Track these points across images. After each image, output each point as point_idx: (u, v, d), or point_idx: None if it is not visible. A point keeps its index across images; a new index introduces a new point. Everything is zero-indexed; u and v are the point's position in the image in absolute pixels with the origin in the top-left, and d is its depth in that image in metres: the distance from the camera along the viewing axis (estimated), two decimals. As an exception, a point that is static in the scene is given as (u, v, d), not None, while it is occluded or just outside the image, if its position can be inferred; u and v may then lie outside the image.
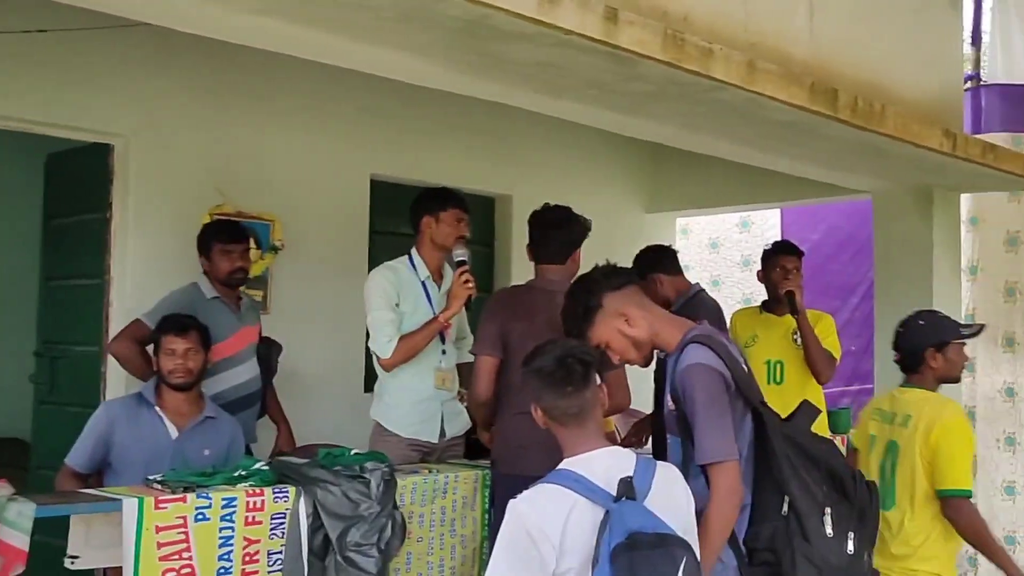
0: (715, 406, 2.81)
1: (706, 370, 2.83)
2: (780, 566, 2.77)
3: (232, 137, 5.16)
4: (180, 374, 3.73)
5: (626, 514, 2.38)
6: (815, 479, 2.83)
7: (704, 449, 2.77)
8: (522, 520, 2.41)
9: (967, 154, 4.71)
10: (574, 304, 3.04)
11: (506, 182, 6.48)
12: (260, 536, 3.09)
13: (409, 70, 3.49)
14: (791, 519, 2.79)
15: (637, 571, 2.30)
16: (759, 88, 3.56)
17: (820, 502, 2.81)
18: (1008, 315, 6.37)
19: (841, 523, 2.82)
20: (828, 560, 2.77)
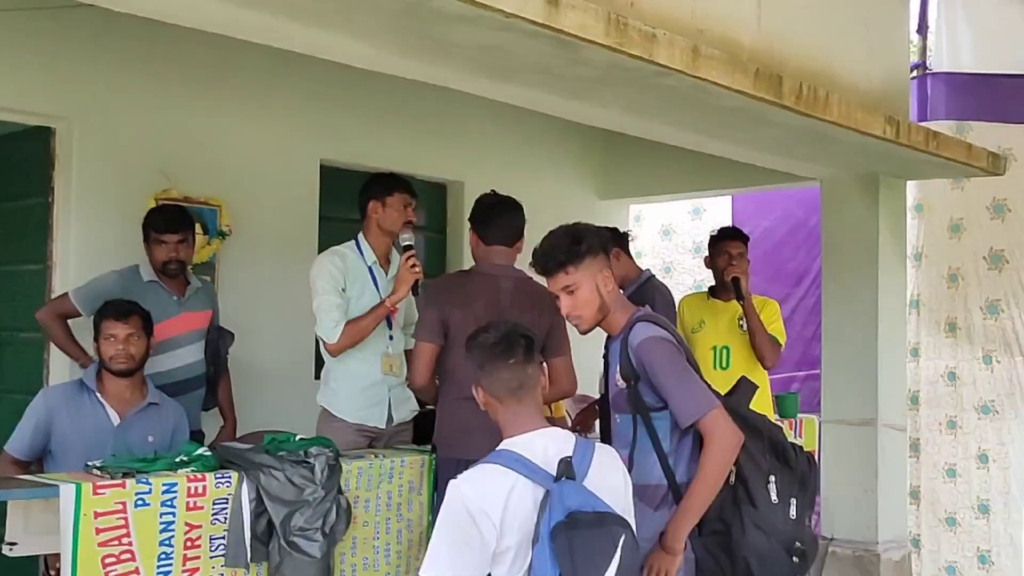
0: (680, 369, 2.95)
1: (662, 340, 2.97)
2: (729, 534, 2.91)
3: (179, 121, 5.09)
4: (122, 360, 3.69)
5: (565, 494, 2.42)
6: (759, 449, 2.99)
7: (687, 409, 2.88)
8: (462, 500, 2.43)
9: (910, 141, 4.76)
10: (569, 238, 3.01)
11: (458, 168, 6.46)
12: (202, 521, 3.08)
13: (352, 54, 3.46)
14: (739, 488, 2.93)
15: (576, 549, 2.34)
16: (703, 74, 3.57)
17: (765, 470, 2.98)
18: (951, 301, 6.48)
19: (784, 490, 3.01)
20: (775, 525, 2.96)
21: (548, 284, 3.09)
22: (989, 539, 6.30)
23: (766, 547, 2.93)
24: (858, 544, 5.51)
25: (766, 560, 2.93)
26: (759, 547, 2.92)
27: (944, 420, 6.47)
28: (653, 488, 2.99)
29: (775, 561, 2.95)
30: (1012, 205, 6.21)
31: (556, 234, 3.05)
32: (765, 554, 2.93)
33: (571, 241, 3.00)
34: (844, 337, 5.66)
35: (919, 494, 6.50)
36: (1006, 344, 6.26)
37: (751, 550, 2.92)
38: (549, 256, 3.01)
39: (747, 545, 2.91)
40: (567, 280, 2.99)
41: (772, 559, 2.95)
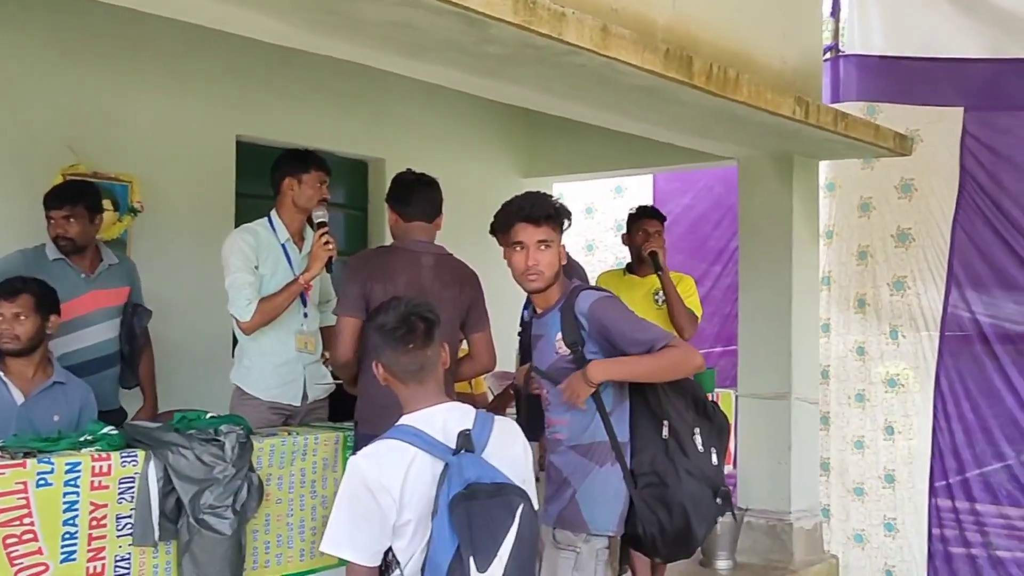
0: (633, 316, 3.21)
1: (610, 298, 3.23)
2: (665, 485, 3.14)
3: (88, 96, 4.99)
4: (7, 340, 3.62)
5: (464, 466, 2.46)
6: (684, 405, 3.22)
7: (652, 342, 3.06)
8: (362, 474, 2.45)
9: (819, 122, 4.87)
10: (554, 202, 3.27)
11: (380, 146, 6.43)
12: (108, 500, 3.05)
13: (261, 28, 3.42)
14: (671, 441, 3.17)
15: (474, 520, 2.38)
16: (613, 53, 3.60)
17: (690, 423, 3.23)
18: (860, 277, 6.67)
19: (707, 441, 3.25)
20: (704, 471, 3.20)
21: (520, 232, 3.19)
22: (895, 507, 6.52)
23: (699, 492, 3.16)
24: (772, 514, 5.67)
25: (699, 503, 3.15)
26: (693, 493, 3.14)
27: (853, 394, 6.67)
28: (598, 446, 3.18)
29: (705, 504, 3.18)
30: (919, 185, 6.41)
31: (539, 194, 3.31)
32: (698, 498, 3.15)
33: (555, 204, 3.25)
34: (760, 313, 5.79)
35: (829, 465, 6.70)
36: (912, 319, 6.47)
37: (686, 495, 3.13)
38: (541, 206, 3.19)
39: (683, 491, 3.13)
40: (549, 235, 3.17)
41: (703, 502, 3.17)
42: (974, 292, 6.22)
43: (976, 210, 6.18)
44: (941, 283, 6.33)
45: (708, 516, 3.23)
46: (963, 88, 6.18)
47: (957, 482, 6.37)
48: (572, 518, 3.19)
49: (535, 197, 3.27)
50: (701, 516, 3.18)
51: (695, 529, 3.18)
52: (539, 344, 3.30)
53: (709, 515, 3.23)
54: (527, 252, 3.17)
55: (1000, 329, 6.18)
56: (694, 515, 3.15)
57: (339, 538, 2.46)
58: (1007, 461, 6.34)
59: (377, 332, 2.66)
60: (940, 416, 6.38)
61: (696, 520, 3.17)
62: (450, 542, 2.37)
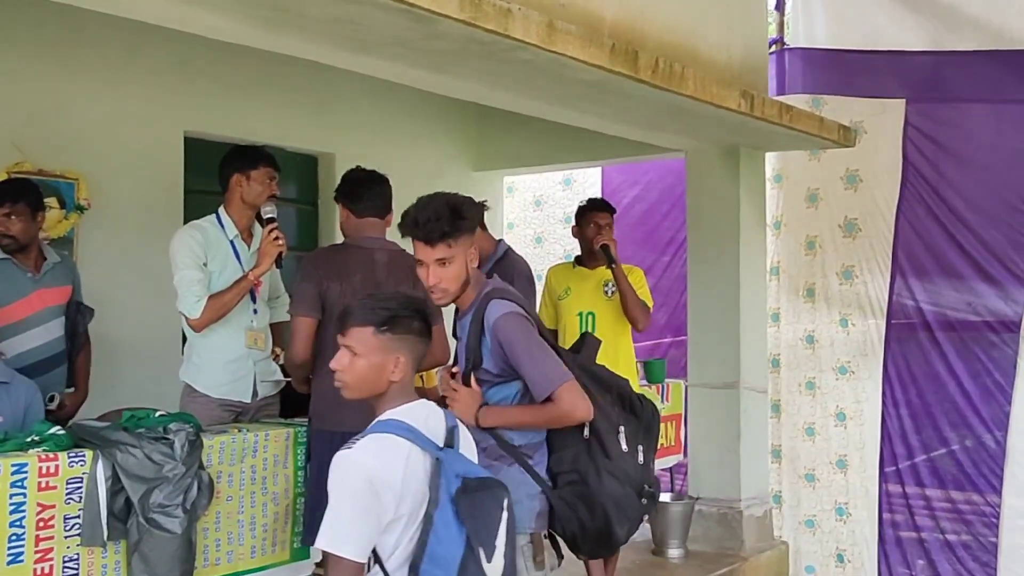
0: (535, 344, 3.04)
1: (517, 315, 3.05)
2: (586, 484, 3.06)
3: (32, 91, 4.92)
4: None
5: (453, 461, 2.50)
6: (608, 402, 3.15)
7: (542, 383, 2.97)
8: (365, 471, 2.40)
9: (764, 114, 4.94)
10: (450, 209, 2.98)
11: (329, 140, 6.41)
12: (55, 501, 3.02)
13: (203, 25, 3.40)
14: (592, 441, 3.07)
15: (475, 512, 2.42)
16: (560, 48, 3.63)
17: (614, 422, 3.15)
18: (809, 267, 6.77)
19: (632, 438, 3.18)
20: (627, 472, 3.13)
21: (419, 251, 3.03)
22: (847, 492, 6.64)
23: (620, 493, 3.10)
24: (722, 502, 5.75)
25: (620, 504, 3.10)
26: (614, 493, 3.09)
27: (803, 381, 6.78)
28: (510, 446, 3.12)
29: (628, 505, 3.14)
30: (864, 176, 6.52)
31: (436, 203, 3.00)
32: (620, 499, 3.10)
33: (453, 214, 2.97)
34: (708, 303, 5.86)
35: (780, 452, 6.81)
36: (860, 308, 6.59)
37: (607, 496, 3.08)
38: (433, 226, 2.96)
39: (604, 492, 3.08)
40: (446, 252, 2.98)
41: (625, 503, 3.12)
42: (917, 281, 6.35)
43: (919, 200, 6.30)
44: (887, 272, 6.45)
45: (631, 516, 3.18)
46: (905, 80, 6.30)
47: (906, 467, 6.50)
48: None
49: (429, 211, 2.98)
50: (623, 516, 3.13)
51: (616, 529, 3.13)
52: (458, 346, 3.26)
53: (632, 515, 3.18)
54: (427, 269, 3.03)
55: (942, 317, 6.31)
56: (615, 516, 3.10)
57: (341, 536, 2.39)
58: (952, 446, 6.48)
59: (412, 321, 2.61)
60: (889, 402, 6.51)
61: (617, 520, 3.12)
62: (458, 534, 2.39)
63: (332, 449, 3.66)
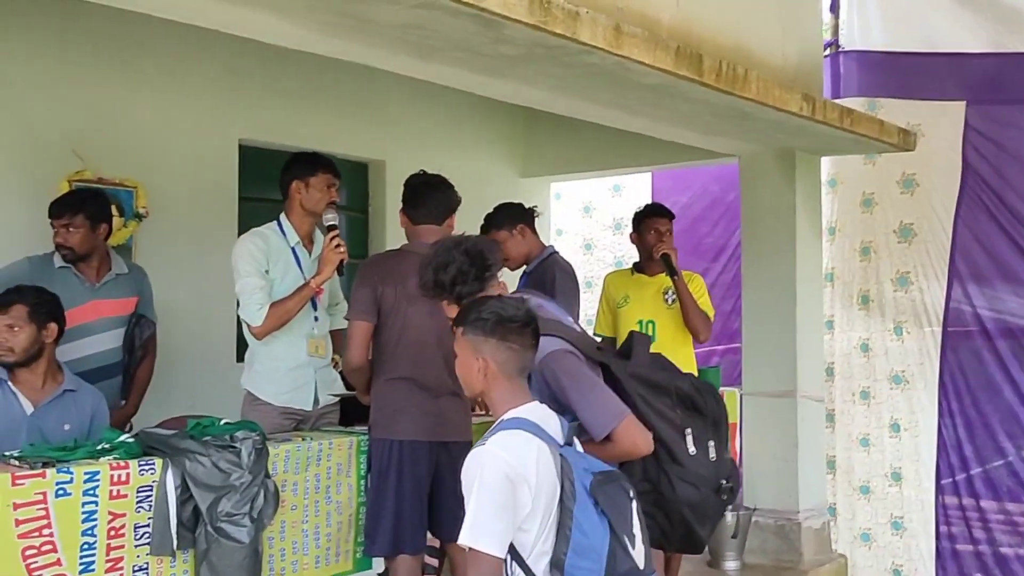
0: (585, 381, 2.98)
1: (562, 354, 2.98)
2: (660, 493, 3.03)
3: (92, 100, 4.95)
4: (1, 352, 3.57)
5: (577, 457, 2.55)
6: (668, 405, 3.08)
7: (599, 423, 2.92)
8: (504, 467, 2.43)
9: (825, 118, 4.86)
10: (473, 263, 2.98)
11: (379, 147, 6.41)
12: (126, 510, 3.02)
13: (270, 31, 3.39)
14: (659, 449, 3.01)
15: (613, 502, 2.48)
16: (626, 52, 3.59)
17: (679, 425, 3.08)
18: (864, 274, 6.65)
19: (701, 437, 3.11)
20: (700, 474, 3.07)
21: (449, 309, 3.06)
22: (902, 505, 6.51)
23: (697, 497, 3.07)
24: (780, 513, 5.65)
25: (697, 507, 3.07)
26: (691, 499, 3.06)
27: (857, 391, 6.65)
28: None
29: (706, 505, 3.10)
30: (920, 180, 6.39)
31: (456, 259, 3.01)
32: (696, 502, 3.07)
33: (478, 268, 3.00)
34: (763, 311, 5.77)
35: (835, 464, 6.69)
36: (915, 315, 6.46)
37: (683, 503, 3.05)
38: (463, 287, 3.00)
39: (679, 499, 3.05)
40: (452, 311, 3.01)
41: (703, 505, 3.09)
42: (976, 286, 6.21)
43: (979, 204, 6.16)
44: (944, 278, 6.32)
45: (711, 515, 3.17)
46: (965, 82, 6.17)
47: (962, 479, 6.36)
48: None
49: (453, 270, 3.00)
50: (703, 517, 3.12)
51: (698, 531, 3.13)
52: None
53: (712, 514, 3.17)
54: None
55: (1002, 323, 6.17)
56: (695, 519, 3.08)
57: (479, 530, 2.41)
58: (1008, 457, 6.34)
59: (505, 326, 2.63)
60: (945, 413, 6.37)
61: (698, 522, 3.10)
62: (600, 526, 2.44)
63: (391, 458, 3.69)
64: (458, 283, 2.98)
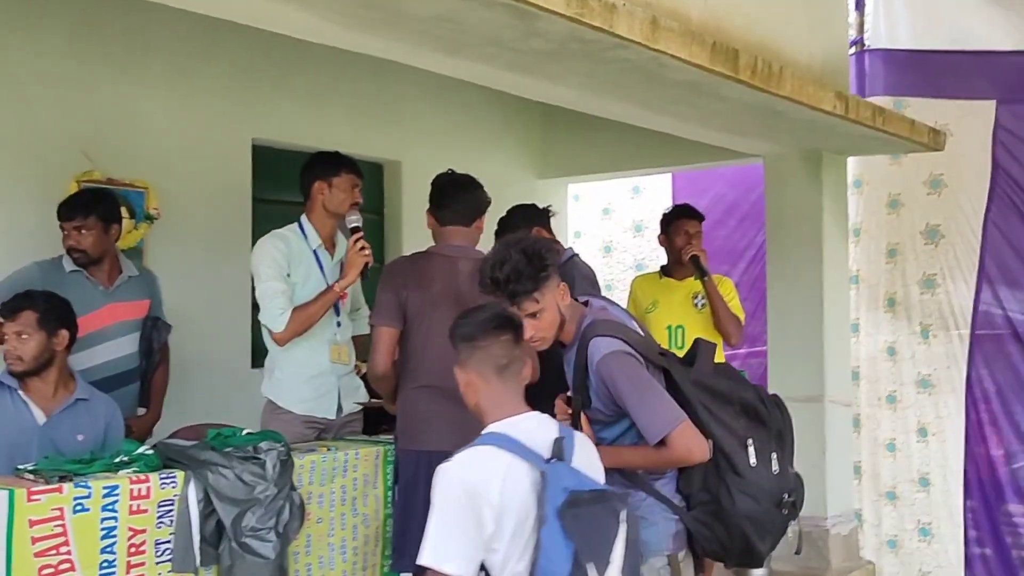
0: (642, 383, 2.89)
1: (620, 356, 2.89)
2: (719, 504, 2.94)
3: (101, 99, 4.82)
4: (11, 361, 3.45)
5: (561, 474, 2.40)
6: (731, 415, 2.99)
7: (654, 426, 2.84)
8: (460, 483, 2.35)
9: (858, 117, 4.73)
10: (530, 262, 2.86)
11: (395, 148, 6.28)
12: (146, 525, 2.89)
13: (298, 25, 3.26)
14: (719, 458, 2.93)
15: (584, 526, 2.33)
16: (662, 46, 3.45)
17: (741, 436, 2.98)
18: (890, 276, 6.50)
19: (763, 449, 3.01)
20: (760, 486, 2.96)
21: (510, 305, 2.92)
22: (929, 512, 6.36)
23: (757, 510, 2.96)
24: (807, 519, 5.49)
25: (758, 522, 2.97)
26: (750, 512, 2.95)
27: (884, 395, 6.50)
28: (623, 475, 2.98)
29: (766, 520, 3.00)
30: (948, 180, 6.24)
31: (513, 259, 2.87)
32: (756, 517, 2.96)
33: (534, 267, 2.86)
34: (790, 314, 5.64)
35: (860, 469, 6.54)
36: (942, 318, 6.31)
37: (743, 516, 2.95)
38: (516, 286, 2.86)
39: (738, 512, 2.94)
40: (536, 307, 2.88)
41: (763, 519, 2.98)
42: (1007, 289, 6.05)
43: (1010, 205, 6.01)
44: (972, 280, 6.16)
45: (772, 530, 3.05)
46: (995, 81, 6.02)
47: (989, 483, 6.22)
48: None
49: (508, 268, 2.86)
50: (763, 531, 3.00)
51: (757, 545, 3.01)
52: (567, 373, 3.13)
53: (773, 528, 3.05)
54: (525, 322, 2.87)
55: (1034, 327, 6.03)
56: (754, 534, 2.97)
57: (441, 551, 2.33)
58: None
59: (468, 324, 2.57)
60: (972, 416, 6.22)
61: (758, 537, 2.99)
62: (565, 550, 2.31)
63: (418, 469, 3.55)
64: (512, 281, 2.85)
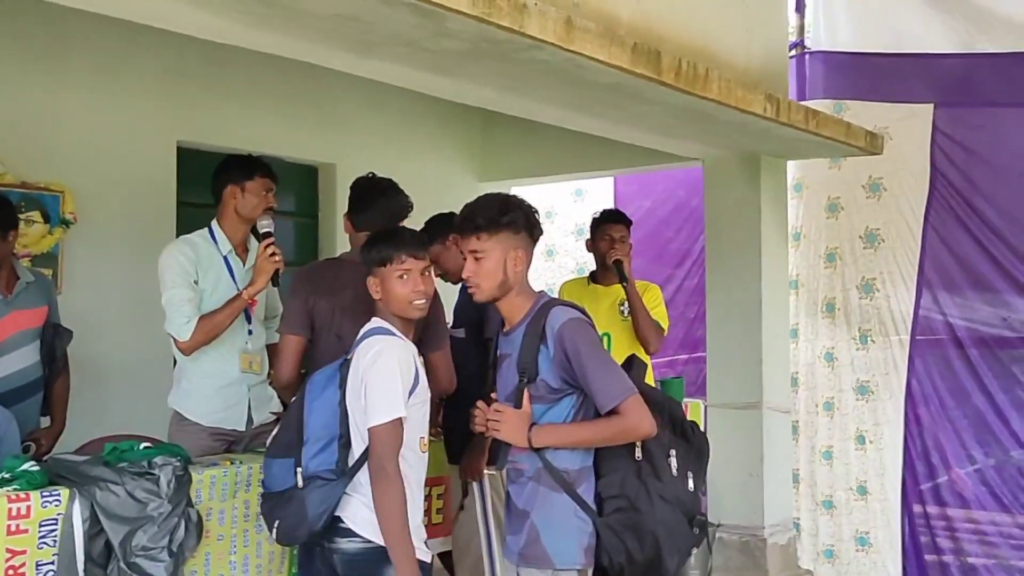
0: (602, 351, 2.96)
1: (583, 323, 2.94)
2: (636, 510, 2.91)
3: (14, 98, 4.66)
4: None
5: None
6: (660, 423, 2.97)
7: (608, 393, 2.86)
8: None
9: (790, 120, 4.68)
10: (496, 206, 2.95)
11: (330, 150, 6.15)
12: (26, 546, 2.75)
13: (197, 24, 3.14)
14: (643, 463, 2.94)
15: None
16: (578, 47, 3.37)
17: (665, 444, 3.00)
18: (829, 281, 6.46)
19: (682, 464, 3.02)
20: (678, 496, 2.98)
21: (459, 243, 3.03)
22: (867, 520, 6.32)
23: (672, 519, 2.94)
24: (744, 529, 5.46)
25: (672, 532, 2.94)
26: (666, 518, 2.93)
27: (821, 402, 6.45)
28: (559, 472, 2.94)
29: (679, 533, 2.97)
30: (887, 184, 6.21)
31: (487, 198, 3.04)
32: (672, 526, 2.94)
33: (496, 210, 2.95)
34: (728, 319, 5.60)
35: (798, 477, 6.49)
36: (881, 323, 6.27)
37: (659, 521, 2.92)
38: (468, 218, 2.96)
39: (655, 517, 2.92)
40: (477, 245, 2.94)
41: (677, 530, 2.96)
42: (947, 294, 6.03)
43: (948, 210, 5.99)
44: (912, 285, 6.14)
45: (682, 546, 3.00)
46: (933, 84, 6.00)
47: (928, 488, 6.19)
48: (534, 554, 2.93)
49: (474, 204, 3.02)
50: (674, 546, 2.95)
51: (666, 560, 2.94)
52: (504, 364, 3.04)
53: (683, 545, 3.00)
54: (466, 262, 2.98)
55: (974, 332, 5.99)
56: (666, 544, 2.92)
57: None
58: (977, 465, 6.17)
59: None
60: (912, 422, 6.19)
61: (668, 550, 2.93)
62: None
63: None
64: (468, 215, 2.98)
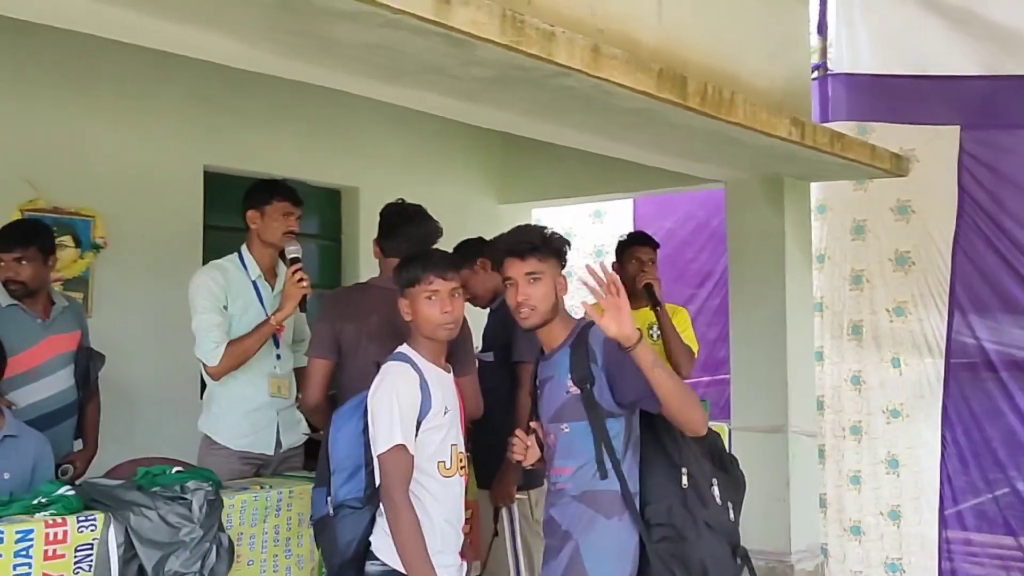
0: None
1: None
2: (683, 539, 2.87)
3: (47, 126, 4.73)
4: None
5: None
6: (701, 452, 2.99)
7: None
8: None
9: (815, 143, 4.67)
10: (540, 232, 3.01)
11: (353, 174, 6.20)
12: (63, 571, 2.77)
13: (226, 52, 3.18)
14: (690, 491, 2.91)
15: None
16: (605, 74, 3.39)
17: (708, 473, 2.99)
18: (855, 303, 6.40)
19: (724, 493, 3.02)
20: (723, 524, 2.97)
21: (509, 268, 2.98)
22: (899, 546, 6.24)
23: (719, 549, 2.93)
24: (771, 555, 5.41)
25: (719, 562, 2.91)
26: (713, 548, 2.90)
27: (848, 425, 6.39)
28: (605, 495, 2.91)
29: (725, 563, 2.95)
30: (916, 206, 6.15)
31: (528, 227, 3.10)
32: (719, 556, 2.91)
33: (543, 235, 3.01)
34: (752, 342, 5.57)
35: (825, 502, 6.42)
36: (915, 346, 6.19)
37: (706, 551, 2.88)
38: (523, 240, 2.98)
39: (703, 547, 2.88)
40: (536, 267, 2.94)
41: (723, 562, 2.94)
42: (978, 317, 5.94)
43: (977, 232, 5.92)
44: (944, 308, 6.07)
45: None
46: (959, 106, 5.95)
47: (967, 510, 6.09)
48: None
49: (521, 230, 3.08)
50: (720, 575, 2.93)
51: None
52: (547, 387, 3.05)
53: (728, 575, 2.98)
54: (516, 288, 2.96)
55: (1007, 355, 5.90)
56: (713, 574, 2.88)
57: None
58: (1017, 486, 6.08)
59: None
60: (949, 445, 6.11)
61: None
62: None
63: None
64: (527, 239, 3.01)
